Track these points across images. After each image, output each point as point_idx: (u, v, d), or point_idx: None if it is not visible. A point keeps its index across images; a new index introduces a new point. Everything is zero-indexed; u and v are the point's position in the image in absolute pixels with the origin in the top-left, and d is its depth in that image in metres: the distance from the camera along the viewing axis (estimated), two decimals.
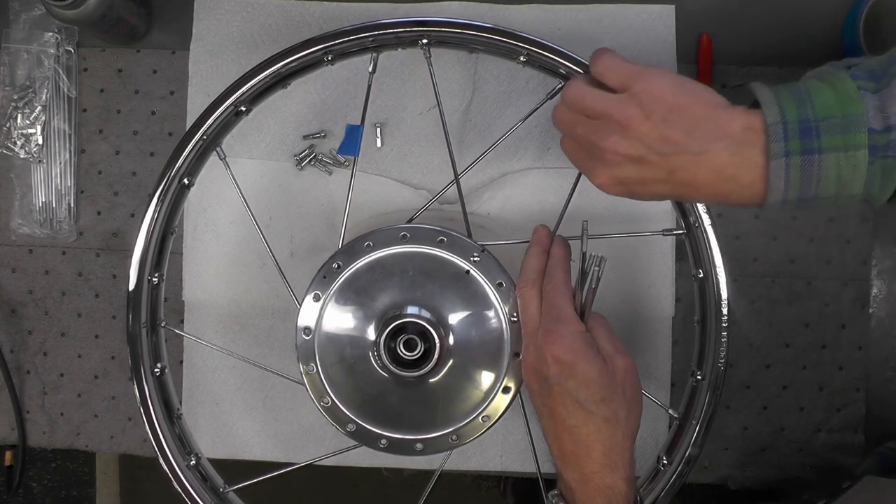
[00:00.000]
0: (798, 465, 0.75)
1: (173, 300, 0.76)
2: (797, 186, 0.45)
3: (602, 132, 0.49)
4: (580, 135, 0.51)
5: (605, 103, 0.50)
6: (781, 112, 0.45)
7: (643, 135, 0.48)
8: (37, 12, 0.76)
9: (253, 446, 0.76)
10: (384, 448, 0.58)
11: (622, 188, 0.51)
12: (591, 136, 0.50)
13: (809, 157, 0.44)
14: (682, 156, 0.47)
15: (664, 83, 0.48)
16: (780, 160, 0.45)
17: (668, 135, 0.47)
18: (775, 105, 0.45)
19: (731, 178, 0.47)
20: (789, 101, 0.45)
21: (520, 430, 0.74)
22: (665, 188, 0.49)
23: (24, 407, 0.78)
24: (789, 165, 0.45)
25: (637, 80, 0.48)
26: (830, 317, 0.75)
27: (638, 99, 0.48)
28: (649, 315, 0.74)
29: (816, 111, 0.45)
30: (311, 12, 0.75)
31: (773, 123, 0.45)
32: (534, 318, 0.54)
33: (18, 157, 0.76)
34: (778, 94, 0.46)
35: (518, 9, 0.74)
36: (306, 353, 0.57)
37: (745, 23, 0.74)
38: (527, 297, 0.54)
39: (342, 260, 0.57)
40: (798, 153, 0.45)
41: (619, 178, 0.50)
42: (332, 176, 0.75)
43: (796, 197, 0.46)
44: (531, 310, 0.54)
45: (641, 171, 0.49)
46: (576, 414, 0.51)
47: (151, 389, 0.59)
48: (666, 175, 0.48)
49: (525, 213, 0.74)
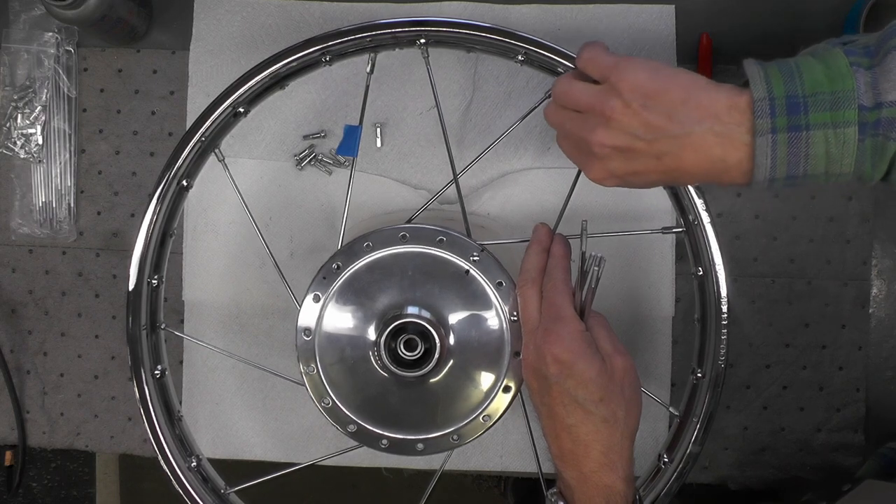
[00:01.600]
0: (798, 465, 0.75)
1: (173, 300, 0.76)
2: (784, 164, 0.45)
3: (589, 125, 0.50)
4: (570, 130, 0.52)
5: (587, 96, 0.50)
6: (769, 88, 0.45)
7: (626, 124, 0.48)
8: (37, 12, 0.76)
9: (253, 446, 0.76)
10: (385, 448, 0.58)
11: (617, 180, 0.51)
12: (580, 132, 0.50)
13: (797, 133, 0.44)
14: (667, 140, 0.47)
15: (641, 70, 0.48)
16: (765, 136, 0.44)
17: (650, 121, 0.47)
18: (763, 81, 0.45)
19: (718, 159, 0.46)
20: (777, 77, 0.45)
21: (520, 430, 0.74)
22: (657, 175, 0.49)
23: (24, 407, 0.78)
24: (776, 142, 0.44)
25: (615, 70, 0.49)
26: (830, 317, 0.75)
27: (617, 89, 0.48)
28: (649, 315, 0.74)
29: (805, 87, 0.44)
30: (311, 12, 0.75)
31: (759, 99, 0.45)
32: (533, 317, 0.54)
33: (18, 157, 0.76)
34: (767, 69, 0.46)
35: (517, 9, 0.74)
36: (306, 354, 0.57)
37: (745, 23, 0.74)
38: (527, 296, 0.54)
39: (342, 260, 0.57)
40: (785, 129, 0.44)
41: (611, 169, 0.50)
42: (331, 176, 0.75)
43: (784, 175, 0.45)
44: (531, 309, 0.54)
45: (631, 160, 0.49)
46: (575, 413, 0.51)
47: (152, 392, 0.59)
48: (655, 162, 0.48)
49: (525, 213, 0.74)
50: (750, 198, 0.74)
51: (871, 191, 0.74)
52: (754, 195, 0.74)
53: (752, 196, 0.74)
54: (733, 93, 0.46)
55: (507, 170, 0.74)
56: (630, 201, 0.73)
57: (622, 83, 0.48)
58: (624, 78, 0.48)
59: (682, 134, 0.47)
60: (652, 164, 0.49)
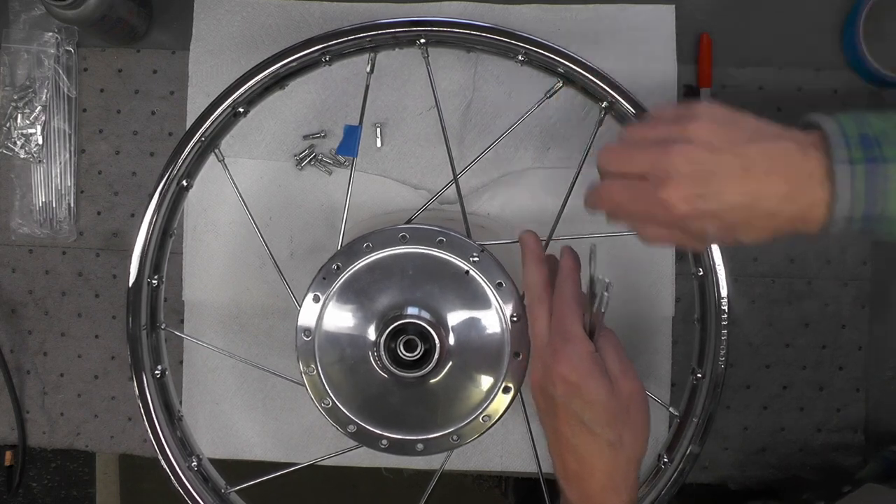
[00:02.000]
0: (798, 465, 0.75)
1: (173, 300, 0.76)
2: (862, 200, 0.44)
3: (664, 147, 0.47)
4: (639, 162, 0.48)
5: (661, 126, 0.48)
6: (840, 126, 0.45)
7: (711, 133, 0.46)
8: (37, 12, 0.76)
9: (253, 446, 0.76)
10: (385, 448, 0.58)
11: (697, 199, 0.46)
12: (654, 157, 0.47)
13: (874, 165, 0.43)
14: (757, 144, 0.46)
15: (711, 106, 0.48)
16: (844, 166, 0.44)
17: (733, 134, 0.46)
18: (833, 120, 0.45)
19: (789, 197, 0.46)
20: (846, 119, 0.45)
21: (520, 430, 0.74)
22: (736, 191, 0.46)
23: (24, 407, 0.78)
24: (854, 173, 0.44)
25: (687, 109, 0.48)
26: (830, 317, 0.75)
27: (693, 113, 0.48)
28: (649, 315, 0.74)
29: (874, 129, 0.44)
30: (311, 12, 0.75)
31: (833, 133, 0.45)
32: (542, 335, 0.52)
33: (18, 157, 0.76)
34: (832, 115, 0.46)
35: (517, 9, 0.74)
36: (306, 355, 0.57)
37: (745, 23, 0.74)
38: (535, 314, 0.53)
39: (342, 261, 0.57)
40: (862, 161, 0.44)
41: (688, 192, 0.46)
42: (331, 176, 0.75)
43: (861, 214, 0.44)
44: (540, 326, 0.53)
45: (716, 162, 0.46)
46: (580, 434, 0.50)
47: (152, 392, 0.59)
48: (740, 171, 0.46)
49: (525, 213, 0.74)
50: None
51: None
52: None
53: None
54: (801, 133, 0.47)
55: (507, 170, 0.74)
56: None
57: (699, 108, 0.48)
58: (697, 109, 0.48)
59: (767, 147, 0.46)
60: (736, 172, 0.46)
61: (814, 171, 0.45)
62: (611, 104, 0.59)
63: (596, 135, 0.61)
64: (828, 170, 0.45)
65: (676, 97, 0.73)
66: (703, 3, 0.74)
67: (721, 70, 0.74)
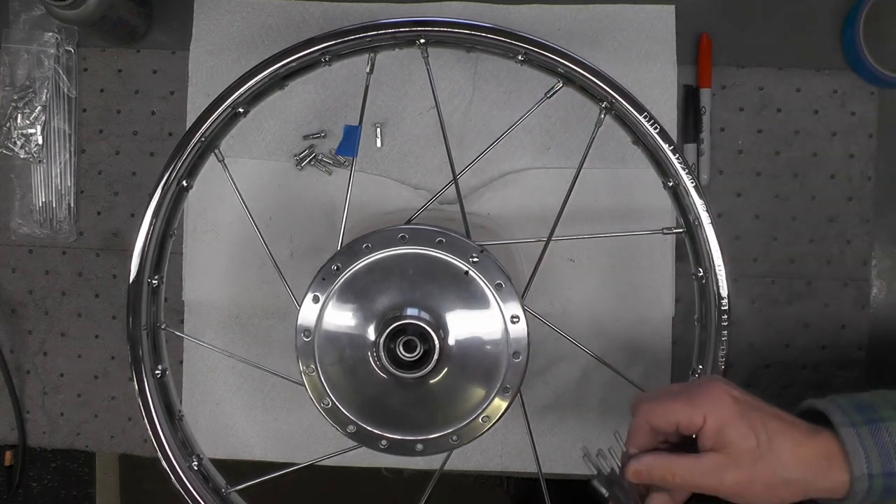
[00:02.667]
0: None
1: (173, 300, 0.76)
2: (876, 454, 0.47)
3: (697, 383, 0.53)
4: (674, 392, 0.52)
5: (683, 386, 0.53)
6: (834, 402, 0.50)
7: (735, 388, 0.51)
8: (37, 12, 0.76)
9: (253, 446, 0.76)
10: (385, 449, 0.58)
11: (737, 402, 0.50)
12: (686, 387, 0.52)
13: (875, 425, 0.48)
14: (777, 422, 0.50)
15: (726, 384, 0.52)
16: (848, 429, 0.49)
17: (756, 402, 0.51)
18: (827, 400, 0.51)
19: None
20: (838, 397, 0.51)
21: (520, 430, 0.74)
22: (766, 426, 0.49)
23: (24, 407, 0.78)
24: (860, 434, 0.48)
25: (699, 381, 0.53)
26: (830, 317, 0.75)
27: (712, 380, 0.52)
28: (649, 315, 0.74)
29: (865, 401, 0.50)
30: (311, 12, 0.75)
31: (828, 408, 0.50)
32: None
33: (18, 157, 0.76)
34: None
35: (518, 9, 0.74)
36: (306, 355, 0.57)
37: (745, 23, 0.74)
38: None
39: (341, 261, 0.57)
40: (863, 423, 0.48)
41: (731, 388, 0.51)
42: (331, 176, 0.75)
43: (881, 470, 0.47)
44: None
45: (743, 401, 0.50)
46: None
47: (152, 392, 0.59)
48: (771, 416, 0.50)
49: (525, 213, 0.74)
50: (750, 198, 0.74)
51: (870, 191, 0.74)
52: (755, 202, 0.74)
53: (752, 196, 0.74)
54: (820, 437, 0.50)
55: (507, 170, 0.74)
56: (630, 201, 0.73)
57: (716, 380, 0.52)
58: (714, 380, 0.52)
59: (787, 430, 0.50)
60: (768, 410, 0.50)
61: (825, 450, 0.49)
62: (611, 104, 0.59)
63: (595, 135, 0.61)
64: (838, 444, 0.48)
65: (676, 97, 0.73)
66: (703, 3, 0.74)
67: (721, 70, 0.74)
